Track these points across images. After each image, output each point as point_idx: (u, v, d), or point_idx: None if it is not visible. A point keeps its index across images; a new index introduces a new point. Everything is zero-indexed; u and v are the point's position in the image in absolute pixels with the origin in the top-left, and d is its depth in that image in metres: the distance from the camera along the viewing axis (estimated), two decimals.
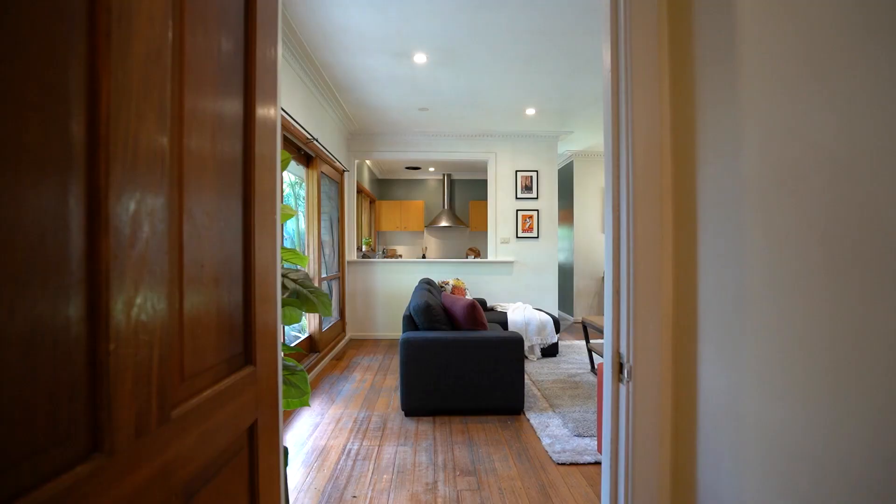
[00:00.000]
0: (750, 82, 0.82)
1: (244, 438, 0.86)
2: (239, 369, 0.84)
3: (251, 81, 0.87)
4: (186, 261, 0.65)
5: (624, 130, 1.09)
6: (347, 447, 2.74)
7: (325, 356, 4.65)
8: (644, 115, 1.07)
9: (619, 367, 1.11)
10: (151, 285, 0.56)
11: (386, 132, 6.06)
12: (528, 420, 3.13)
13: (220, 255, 0.76)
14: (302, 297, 1.55)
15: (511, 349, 3.21)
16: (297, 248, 4.78)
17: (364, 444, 2.79)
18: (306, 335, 4.43)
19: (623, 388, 1.09)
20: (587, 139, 6.52)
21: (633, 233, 1.07)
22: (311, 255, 4.45)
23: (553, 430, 2.92)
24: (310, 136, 3.97)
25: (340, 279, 5.62)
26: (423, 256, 9.47)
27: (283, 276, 1.57)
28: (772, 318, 0.77)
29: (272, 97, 0.99)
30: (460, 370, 3.18)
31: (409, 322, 3.42)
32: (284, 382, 1.50)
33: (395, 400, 3.56)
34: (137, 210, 0.53)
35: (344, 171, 5.63)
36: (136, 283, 0.53)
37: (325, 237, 5.34)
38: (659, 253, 1.07)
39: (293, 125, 3.59)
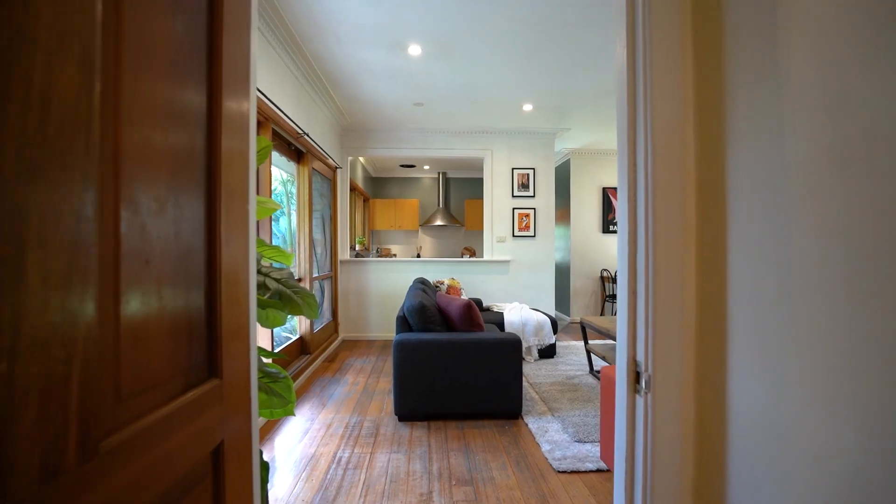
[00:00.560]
0: (798, 54, 0.71)
1: (207, 464, 0.74)
2: (201, 383, 0.72)
3: (216, 70, 0.77)
4: (125, 254, 0.53)
5: (641, 112, 0.97)
6: (338, 455, 2.61)
7: (317, 358, 4.51)
8: (664, 94, 0.95)
9: (634, 377, 1.00)
10: (69, 283, 0.44)
11: (380, 128, 5.94)
12: (527, 424, 3.02)
13: (173, 250, 0.64)
14: (285, 298, 1.42)
15: (509, 351, 3.10)
16: (289, 247, 4.65)
17: (356, 451, 2.66)
18: (297, 337, 4.30)
19: (640, 400, 0.98)
20: (585, 136, 6.42)
21: (652, 226, 0.96)
22: (303, 253, 4.31)
23: (552, 436, 2.81)
24: (300, 131, 3.84)
25: (333, 279, 5.49)
26: (418, 256, 9.35)
27: (265, 275, 1.45)
28: (824, 322, 0.66)
29: (244, 87, 0.88)
30: (456, 373, 3.07)
31: (403, 323, 3.29)
32: (266, 391, 1.37)
33: (389, 404, 3.43)
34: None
35: (336, 167, 5.50)
36: (43, 281, 0.41)
37: (318, 236, 5.21)
38: (681, 248, 0.95)
39: (283, 119, 3.46)
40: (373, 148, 6.05)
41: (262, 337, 3.19)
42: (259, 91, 2.95)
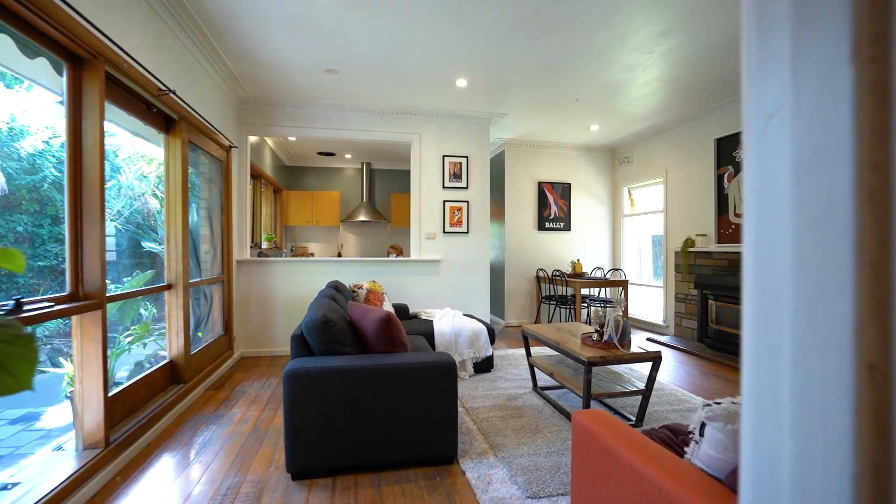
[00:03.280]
0: None
1: None
2: None
3: None
4: None
5: None
6: None
7: (196, 386, 3.51)
8: None
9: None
10: None
11: (287, 102, 4.97)
12: (464, 473, 2.33)
13: None
14: None
15: (440, 378, 2.39)
16: (159, 244, 3.59)
17: None
18: (165, 361, 3.27)
19: None
20: (522, 125, 5.91)
21: None
22: (174, 252, 3.30)
23: (498, 489, 2.15)
24: (163, 86, 2.85)
25: (226, 283, 4.46)
26: (339, 255, 8.39)
27: None
28: None
29: None
30: (371, 409, 2.30)
31: (300, 344, 2.46)
32: None
33: (283, 452, 2.58)
34: None
35: (231, 147, 4.47)
36: None
37: (203, 230, 4.17)
38: None
39: (130, 64, 2.48)
40: (279, 126, 5.07)
41: (94, 373, 2.21)
42: None
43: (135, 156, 3.85)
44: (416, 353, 2.47)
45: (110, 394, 2.42)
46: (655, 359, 2.84)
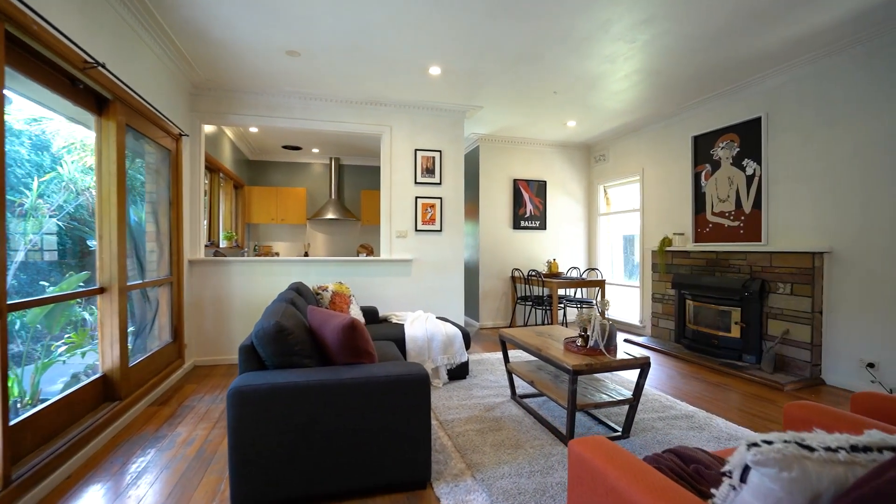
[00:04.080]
0: None
1: None
2: None
3: None
4: None
5: None
6: None
7: (135, 403, 3.10)
8: None
9: None
10: None
11: (246, 88, 4.58)
12: (439, 500, 2.06)
13: None
14: None
15: (412, 391, 2.12)
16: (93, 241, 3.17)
17: None
18: (97, 375, 2.86)
19: None
20: (497, 120, 5.69)
21: None
22: (108, 250, 2.90)
23: None
24: (90, 59, 2.46)
25: (175, 285, 4.04)
26: (306, 255, 7.98)
27: None
28: None
29: None
30: (333, 430, 2.01)
31: (250, 357, 2.14)
32: None
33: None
34: None
35: (181, 135, 4.06)
36: None
37: (148, 227, 3.76)
38: None
39: (42, 26, 2.09)
40: (238, 114, 4.67)
41: None
42: None
43: (78, 146, 3.42)
44: (383, 365, 2.19)
45: (17, 419, 2.04)
46: (644, 365, 2.65)
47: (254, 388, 1.93)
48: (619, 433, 2.72)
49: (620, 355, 2.67)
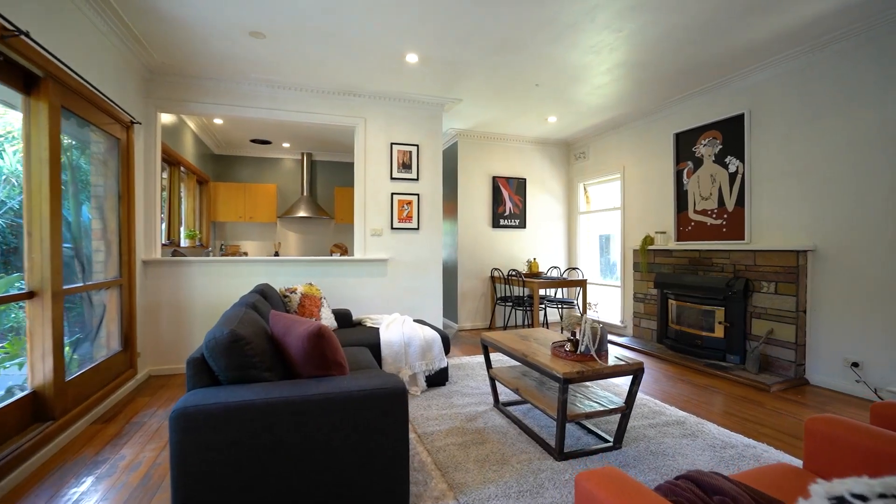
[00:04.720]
0: None
1: None
2: None
3: None
4: None
5: None
6: None
7: (74, 422, 2.75)
8: None
9: None
10: None
11: (207, 74, 4.23)
12: None
13: None
14: None
15: (388, 406, 1.87)
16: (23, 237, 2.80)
17: None
18: (26, 392, 2.50)
19: None
20: (476, 114, 5.48)
21: None
22: (41, 249, 2.54)
23: None
24: (10, 26, 2.12)
25: (126, 287, 3.66)
26: (277, 254, 7.60)
27: None
28: None
29: None
30: (297, 454, 1.75)
31: (200, 370, 1.85)
32: None
33: None
34: None
35: (133, 122, 3.69)
36: None
37: (94, 224, 3.39)
38: None
39: None
40: (199, 102, 4.31)
41: None
42: None
43: (17, 134, 3.03)
44: (355, 378, 1.94)
45: None
46: (637, 371, 2.48)
47: (202, 408, 1.65)
48: (611, 444, 2.54)
49: (610, 360, 2.50)
